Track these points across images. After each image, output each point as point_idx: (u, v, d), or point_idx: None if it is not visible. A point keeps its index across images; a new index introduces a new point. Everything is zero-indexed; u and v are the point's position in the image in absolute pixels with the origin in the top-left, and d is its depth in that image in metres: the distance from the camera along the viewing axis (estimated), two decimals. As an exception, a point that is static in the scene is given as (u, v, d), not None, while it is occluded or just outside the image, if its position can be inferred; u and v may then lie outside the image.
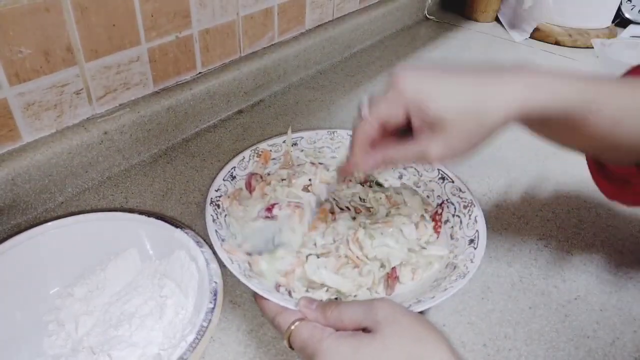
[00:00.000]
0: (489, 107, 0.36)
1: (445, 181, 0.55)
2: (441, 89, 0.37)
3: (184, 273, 0.44)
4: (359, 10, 0.99)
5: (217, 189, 0.50)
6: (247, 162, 0.55)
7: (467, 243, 0.48)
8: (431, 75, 0.38)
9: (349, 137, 0.58)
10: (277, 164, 0.58)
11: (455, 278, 0.43)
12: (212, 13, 0.68)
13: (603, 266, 0.53)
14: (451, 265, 0.47)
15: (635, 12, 1.14)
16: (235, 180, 0.53)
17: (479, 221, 0.49)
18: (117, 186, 0.60)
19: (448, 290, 0.42)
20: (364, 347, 0.32)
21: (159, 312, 0.42)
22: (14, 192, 0.52)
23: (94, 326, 0.43)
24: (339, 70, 0.92)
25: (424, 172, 0.56)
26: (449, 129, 0.36)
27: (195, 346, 0.37)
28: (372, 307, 0.34)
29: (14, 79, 0.50)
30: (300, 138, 0.60)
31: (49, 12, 0.50)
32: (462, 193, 0.53)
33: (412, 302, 0.41)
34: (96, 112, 0.60)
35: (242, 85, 0.76)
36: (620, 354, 0.44)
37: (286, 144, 0.59)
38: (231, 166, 0.54)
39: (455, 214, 0.52)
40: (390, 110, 0.38)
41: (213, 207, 0.48)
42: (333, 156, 0.60)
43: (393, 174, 0.59)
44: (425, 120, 0.37)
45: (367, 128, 0.40)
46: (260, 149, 0.57)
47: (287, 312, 0.38)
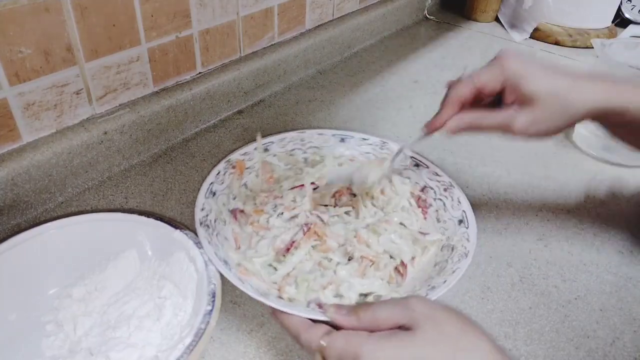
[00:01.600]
0: (574, 96, 0.41)
1: (420, 167, 0.55)
2: (539, 72, 0.42)
3: (182, 274, 0.44)
4: (359, 10, 0.99)
5: (202, 208, 0.47)
6: (224, 176, 0.52)
7: (456, 224, 0.49)
8: (532, 60, 0.43)
9: (333, 135, 0.59)
10: (251, 173, 0.55)
11: (458, 259, 0.44)
12: (212, 13, 0.68)
13: (603, 266, 0.53)
14: (447, 247, 0.47)
15: (635, 12, 1.14)
16: (216, 196, 0.50)
17: (462, 201, 0.50)
18: (117, 186, 0.60)
19: (457, 271, 0.42)
20: (407, 345, 0.32)
21: (157, 313, 0.42)
22: (14, 192, 0.52)
23: (92, 327, 0.42)
24: (339, 70, 0.92)
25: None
26: (537, 107, 0.42)
27: (193, 349, 0.36)
28: (407, 304, 0.34)
29: (14, 78, 0.50)
30: (271, 143, 0.57)
31: (49, 12, 0.50)
32: (439, 177, 0.54)
33: (427, 289, 0.41)
34: (96, 112, 0.60)
35: (242, 85, 0.76)
36: (620, 354, 0.44)
37: (257, 151, 0.56)
38: (209, 182, 0.50)
39: (436, 197, 0.53)
40: (490, 77, 0.43)
41: (204, 229, 0.45)
42: (305, 157, 0.59)
43: None
44: (518, 95, 0.42)
45: (463, 88, 0.44)
46: (233, 160, 0.54)
47: (311, 329, 0.36)
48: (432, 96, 0.85)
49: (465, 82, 0.44)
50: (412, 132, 0.74)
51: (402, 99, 0.83)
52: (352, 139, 0.59)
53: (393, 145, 0.58)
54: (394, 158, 0.52)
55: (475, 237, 0.46)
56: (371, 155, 0.59)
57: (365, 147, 0.59)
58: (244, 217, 0.51)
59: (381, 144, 0.59)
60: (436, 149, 0.71)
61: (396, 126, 0.76)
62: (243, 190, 0.54)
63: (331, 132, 0.60)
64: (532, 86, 0.42)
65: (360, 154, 0.59)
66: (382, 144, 0.59)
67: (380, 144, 0.59)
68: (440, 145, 0.71)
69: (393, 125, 0.76)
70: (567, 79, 0.42)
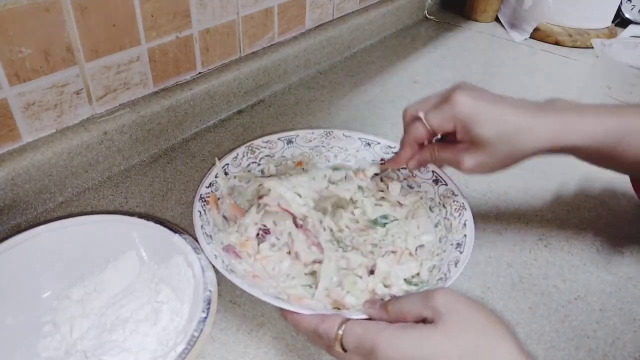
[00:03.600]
0: (521, 140, 0.42)
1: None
2: (488, 116, 0.42)
3: (180, 279, 0.44)
4: (359, 10, 0.99)
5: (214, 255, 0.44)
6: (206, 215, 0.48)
7: (432, 184, 0.54)
8: (485, 100, 0.43)
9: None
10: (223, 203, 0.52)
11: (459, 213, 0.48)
12: (212, 13, 0.68)
13: (603, 266, 0.53)
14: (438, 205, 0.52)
15: (635, 12, 1.14)
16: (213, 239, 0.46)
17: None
18: (117, 186, 0.60)
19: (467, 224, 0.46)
20: (426, 338, 0.32)
21: (154, 317, 0.42)
22: (14, 192, 0.52)
23: (89, 329, 0.42)
24: (339, 70, 0.92)
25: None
26: (485, 149, 0.43)
27: (185, 356, 0.36)
28: (431, 296, 0.34)
29: (14, 78, 0.50)
30: (227, 165, 0.54)
31: (49, 12, 0.50)
32: (392, 149, 0.57)
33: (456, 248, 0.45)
34: (96, 112, 0.60)
35: (242, 85, 0.76)
36: (620, 354, 0.44)
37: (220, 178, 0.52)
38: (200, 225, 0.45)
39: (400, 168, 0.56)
40: (443, 120, 0.44)
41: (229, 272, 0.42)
42: (261, 169, 0.57)
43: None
44: (468, 137, 0.44)
45: (419, 131, 0.46)
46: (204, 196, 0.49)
47: (330, 318, 0.36)
48: (432, 96, 0.85)
49: (420, 124, 0.46)
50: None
51: (402, 99, 0.83)
52: (298, 137, 0.59)
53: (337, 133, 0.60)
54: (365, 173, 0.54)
55: (459, 190, 0.51)
56: (321, 148, 0.60)
57: (314, 142, 0.60)
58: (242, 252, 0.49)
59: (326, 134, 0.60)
60: (436, 149, 0.70)
61: (396, 126, 0.76)
62: (221, 222, 0.50)
63: (277, 136, 0.58)
64: (480, 131, 0.42)
65: (311, 149, 0.60)
66: (326, 134, 0.60)
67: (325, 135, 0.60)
68: (440, 145, 0.71)
69: (393, 126, 0.76)
70: (515, 121, 0.42)
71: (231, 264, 0.44)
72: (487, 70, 0.94)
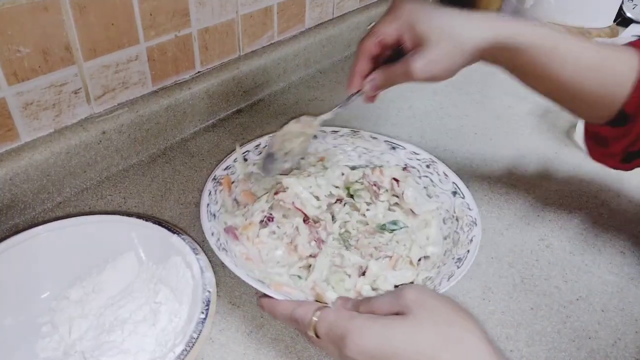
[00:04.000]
0: (466, 33, 0.43)
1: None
2: (430, 14, 0.44)
3: (179, 280, 0.43)
4: (359, 8, 0.99)
5: (211, 233, 0.45)
6: (216, 195, 0.50)
7: (450, 196, 0.52)
8: (423, 5, 0.44)
9: None
10: (237, 187, 0.54)
11: (469, 228, 0.47)
12: (211, 12, 0.68)
13: (605, 267, 0.53)
14: (450, 218, 0.51)
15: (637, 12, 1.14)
16: (217, 218, 0.48)
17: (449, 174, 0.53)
18: (115, 186, 0.60)
19: (474, 240, 0.45)
20: (395, 327, 0.32)
21: (152, 318, 0.42)
22: (12, 192, 0.52)
23: (87, 330, 0.42)
24: (339, 70, 0.91)
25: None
26: (431, 47, 0.43)
27: (184, 358, 0.36)
28: (401, 292, 0.35)
29: (12, 78, 0.50)
30: (247, 152, 0.56)
31: (48, 11, 0.50)
32: (418, 154, 0.57)
33: (453, 263, 0.44)
34: (94, 111, 0.60)
35: (242, 84, 0.76)
36: (622, 355, 0.44)
37: (238, 163, 0.55)
38: (205, 204, 0.48)
39: (421, 175, 0.56)
40: (388, 26, 0.45)
41: (224, 253, 0.43)
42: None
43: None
44: (413, 39, 0.44)
45: (367, 42, 0.47)
46: (219, 177, 0.52)
47: (305, 304, 0.37)
48: (432, 96, 0.84)
49: (368, 36, 0.47)
50: (412, 132, 0.74)
51: (402, 99, 0.83)
52: (324, 134, 0.60)
53: (364, 134, 0.59)
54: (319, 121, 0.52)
55: (475, 204, 0.49)
56: (345, 146, 0.60)
57: (339, 140, 0.60)
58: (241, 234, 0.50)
59: (352, 133, 0.60)
60: (437, 148, 0.70)
61: (396, 126, 0.75)
62: (231, 204, 0.52)
63: None
64: (424, 26, 0.43)
65: (335, 146, 0.59)
66: (353, 133, 0.60)
67: (351, 134, 0.60)
68: (441, 145, 0.71)
69: (393, 125, 0.75)
70: (457, 16, 0.43)
71: (227, 245, 0.45)
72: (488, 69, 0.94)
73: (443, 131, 0.75)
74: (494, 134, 0.74)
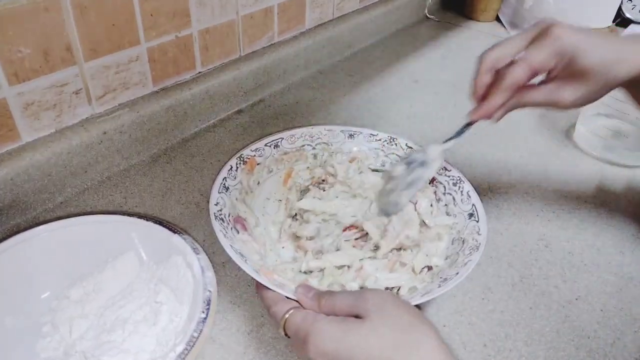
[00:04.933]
0: (621, 66, 0.41)
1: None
2: (593, 42, 0.41)
3: (179, 279, 0.44)
4: (359, 9, 0.99)
5: (216, 202, 0.47)
6: (236, 172, 0.52)
7: (466, 217, 0.49)
8: (582, 31, 0.42)
9: None
10: (263, 170, 0.56)
11: (470, 252, 0.45)
12: (211, 12, 0.68)
13: (604, 267, 0.53)
14: (458, 240, 0.48)
15: (636, 12, 1.14)
16: (229, 192, 0.50)
17: (472, 195, 0.50)
18: (116, 186, 0.60)
19: (468, 264, 0.43)
20: (352, 330, 0.33)
21: (153, 318, 0.42)
22: (14, 192, 0.52)
23: (88, 330, 0.42)
24: (339, 70, 0.92)
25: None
26: (588, 79, 0.41)
27: (184, 357, 0.36)
28: (363, 295, 0.36)
29: (13, 78, 0.50)
30: (281, 139, 0.58)
31: (49, 11, 0.50)
32: (449, 171, 0.55)
33: (439, 282, 0.43)
34: (95, 112, 0.60)
35: (242, 85, 0.76)
36: (621, 355, 0.44)
37: (269, 147, 0.57)
38: (222, 177, 0.50)
39: (446, 192, 0.53)
40: (547, 56, 0.41)
41: (219, 222, 0.45)
42: (314, 153, 0.59)
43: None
44: (570, 70, 0.41)
45: (520, 73, 0.42)
46: (245, 156, 0.54)
47: (282, 302, 0.38)
48: (432, 96, 0.84)
49: (520, 65, 0.42)
50: (412, 132, 0.74)
51: (402, 98, 0.83)
52: (361, 135, 0.60)
53: (402, 140, 0.59)
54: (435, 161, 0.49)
55: (486, 229, 0.47)
56: (380, 151, 0.59)
57: (374, 144, 0.60)
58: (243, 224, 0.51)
59: (389, 139, 0.59)
60: (436, 148, 0.70)
61: (396, 126, 0.76)
62: (247, 186, 0.54)
63: (339, 128, 0.60)
64: (586, 60, 0.41)
65: (369, 149, 0.59)
66: (390, 140, 0.59)
67: (388, 140, 0.59)
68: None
69: (393, 125, 0.75)
70: (617, 48, 0.41)
71: (230, 232, 0.46)
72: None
73: (443, 131, 0.75)
74: (494, 134, 0.74)
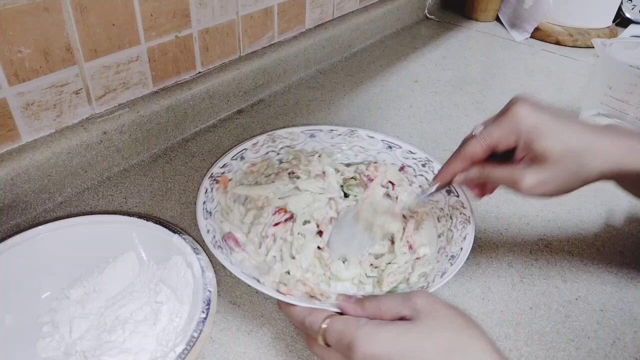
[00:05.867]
0: (589, 158, 0.39)
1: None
2: (553, 128, 0.40)
3: (180, 279, 0.44)
4: (359, 9, 0.99)
5: (207, 230, 0.45)
6: (212, 193, 0.50)
7: (445, 194, 0.52)
8: (547, 113, 0.40)
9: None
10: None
11: (463, 226, 0.47)
12: (211, 12, 0.68)
13: (604, 266, 0.53)
14: (445, 217, 0.50)
15: (636, 12, 1.14)
16: (212, 215, 0.48)
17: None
18: (116, 186, 0.60)
19: (467, 237, 0.45)
20: (404, 333, 0.32)
21: (153, 318, 0.42)
22: (14, 192, 0.52)
23: (88, 330, 0.42)
24: (339, 70, 0.92)
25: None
26: (548, 166, 0.40)
27: (184, 357, 0.36)
28: (410, 297, 0.35)
29: (13, 78, 0.50)
30: (245, 150, 0.55)
31: (49, 11, 0.50)
32: (414, 154, 0.56)
33: (447, 260, 0.44)
34: (95, 112, 0.60)
35: (242, 85, 0.76)
36: (621, 355, 0.44)
37: (236, 161, 0.54)
38: (202, 202, 0.47)
39: (416, 174, 0.56)
40: (503, 134, 0.41)
41: (219, 250, 0.43)
42: (279, 158, 0.57)
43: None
44: (529, 151, 0.40)
45: (476, 146, 0.43)
46: (216, 175, 0.51)
47: (316, 312, 0.37)
48: (432, 96, 0.84)
49: (478, 139, 0.42)
50: (412, 132, 0.74)
51: (402, 98, 0.83)
52: (321, 133, 0.59)
53: (362, 132, 0.59)
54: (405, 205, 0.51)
55: (469, 202, 0.49)
56: (342, 145, 0.59)
57: (336, 139, 0.59)
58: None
59: (349, 132, 0.60)
60: (436, 149, 0.70)
61: (396, 126, 0.76)
62: (226, 205, 0.52)
63: (300, 129, 0.59)
64: (545, 144, 0.39)
65: (332, 145, 0.59)
66: (350, 132, 0.60)
67: (349, 133, 0.60)
68: (440, 145, 0.71)
69: (393, 125, 0.75)
70: (582, 137, 0.39)
71: (230, 252, 0.45)
72: (488, 69, 0.94)
73: (443, 131, 0.75)
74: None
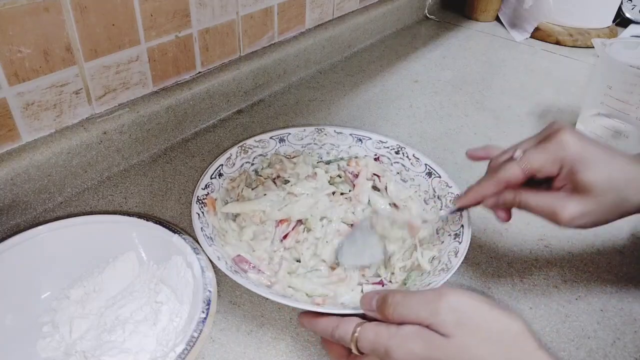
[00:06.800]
0: (632, 193, 0.38)
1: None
2: (599, 160, 0.38)
3: (180, 279, 0.44)
4: (359, 9, 0.99)
5: (218, 258, 0.43)
6: (204, 217, 0.48)
7: (425, 177, 0.54)
8: (592, 143, 0.39)
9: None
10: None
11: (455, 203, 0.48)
12: (211, 12, 0.68)
13: (604, 266, 0.53)
14: (432, 198, 0.52)
15: (636, 12, 1.14)
16: (214, 241, 0.46)
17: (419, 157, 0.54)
18: (116, 186, 0.60)
19: (464, 213, 0.47)
20: (437, 350, 0.32)
21: (153, 318, 0.42)
22: (14, 192, 0.52)
23: (88, 330, 0.42)
24: (339, 70, 0.92)
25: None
26: (592, 198, 0.38)
27: (184, 357, 0.36)
28: (435, 307, 0.33)
29: (13, 78, 0.50)
30: (221, 165, 0.54)
31: (49, 11, 0.50)
32: (384, 143, 0.58)
33: (452, 237, 0.45)
34: (95, 112, 0.60)
35: (242, 85, 0.76)
36: (621, 355, 0.44)
37: (217, 180, 0.53)
38: (199, 227, 0.45)
39: (392, 162, 0.57)
40: (547, 162, 0.39)
41: (239, 276, 0.42)
42: (254, 169, 0.57)
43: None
44: (572, 182, 0.39)
45: (515, 172, 0.40)
46: (201, 197, 0.50)
47: (344, 322, 0.36)
48: (432, 96, 0.84)
49: (518, 163, 0.40)
50: (412, 132, 0.74)
51: (402, 98, 0.83)
52: (290, 135, 0.59)
53: (329, 129, 0.60)
54: (420, 230, 0.50)
55: (453, 181, 0.51)
56: (313, 145, 0.59)
57: (305, 140, 0.60)
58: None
59: (317, 130, 0.60)
60: (436, 149, 0.70)
61: (396, 126, 0.76)
62: (219, 226, 0.50)
63: (269, 135, 0.58)
64: (591, 175, 0.38)
65: (302, 147, 0.59)
66: (318, 130, 0.60)
67: (316, 132, 0.60)
68: (440, 145, 0.71)
69: (393, 125, 0.75)
70: (625, 169, 0.38)
71: (240, 270, 0.45)
72: (488, 69, 0.94)
73: (443, 131, 0.75)
74: (494, 134, 0.74)
